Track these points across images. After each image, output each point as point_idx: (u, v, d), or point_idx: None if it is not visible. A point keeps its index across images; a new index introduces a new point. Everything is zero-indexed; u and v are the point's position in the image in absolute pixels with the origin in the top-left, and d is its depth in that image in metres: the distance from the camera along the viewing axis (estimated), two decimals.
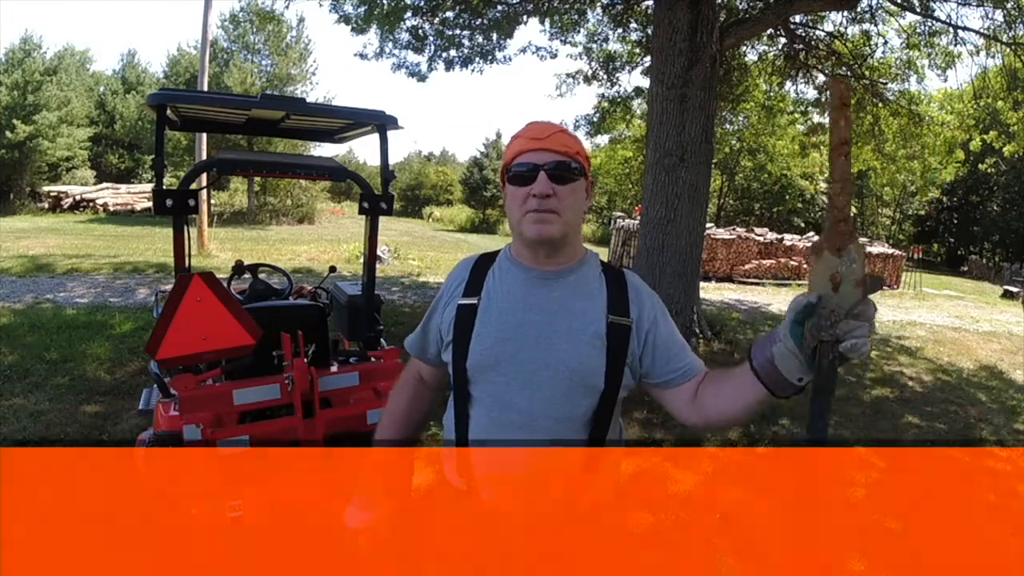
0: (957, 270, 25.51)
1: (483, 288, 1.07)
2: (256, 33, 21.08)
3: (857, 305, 0.76)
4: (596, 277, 1.08)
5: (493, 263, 1.11)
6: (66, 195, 18.87)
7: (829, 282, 0.77)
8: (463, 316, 1.06)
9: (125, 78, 26.39)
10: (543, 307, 1.03)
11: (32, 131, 19.83)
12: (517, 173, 1.00)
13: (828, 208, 0.80)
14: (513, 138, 1.05)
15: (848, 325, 0.75)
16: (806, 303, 0.79)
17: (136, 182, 24.07)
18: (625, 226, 13.05)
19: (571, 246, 1.06)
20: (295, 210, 21.15)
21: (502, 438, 1.02)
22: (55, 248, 10.26)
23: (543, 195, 0.97)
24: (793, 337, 0.81)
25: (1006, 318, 10.34)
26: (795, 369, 0.83)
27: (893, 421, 4.39)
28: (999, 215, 26.09)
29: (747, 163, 22.94)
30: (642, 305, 1.06)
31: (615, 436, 1.10)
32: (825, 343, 0.77)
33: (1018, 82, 6.45)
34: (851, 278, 0.76)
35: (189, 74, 22.42)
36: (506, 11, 6.56)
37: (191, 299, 1.76)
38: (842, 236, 0.77)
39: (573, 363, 1.00)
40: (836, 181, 0.78)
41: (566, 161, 0.99)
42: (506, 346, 1.01)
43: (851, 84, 0.95)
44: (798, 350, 0.81)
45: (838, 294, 0.77)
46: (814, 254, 0.80)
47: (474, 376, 1.04)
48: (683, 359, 1.06)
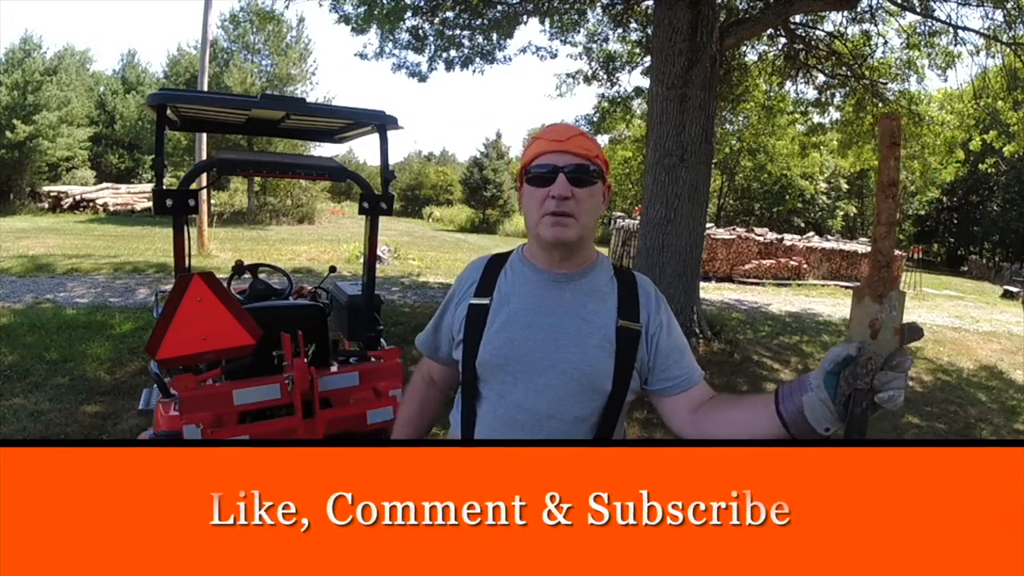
0: (957, 270, 25.51)
1: (495, 288, 1.08)
2: (256, 33, 21.07)
3: (896, 355, 0.73)
4: (608, 280, 1.08)
5: (505, 264, 1.12)
6: (66, 195, 18.87)
7: (868, 329, 0.75)
8: (474, 316, 1.07)
9: (125, 78, 26.38)
10: (554, 309, 1.04)
11: (32, 131, 19.83)
12: (536, 174, 1.01)
13: (871, 252, 0.77)
14: (533, 139, 1.06)
15: (886, 376, 0.73)
16: (846, 355, 0.76)
17: (136, 182, 24.06)
18: (625, 226, 13.06)
19: (585, 249, 1.07)
20: (295, 210, 21.15)
21: (507, 436, 1.04)
22: (55, 248, 10.26)
23: (562, 197, 0.98)
24: (828, 387, 0.78)
25: (1006, 318, 10.34)
26: (824, 419, 0.80)
27: (893, 421, 4.39)
28: (999, 215, 26.08)
29: (747, 163, 22.94)
30: (651, 310, 1.07)
31: (619, 438, 1.10)
32: (860, 391, 0.75)
33: (1018, 82, 6.45)
34: (890, 325, 0.74)
35: (189, 74, 22.42)
36: (506, 11, 6.56)
37: (191, 299, 1.76)
38: (884, 282, 0.74)
39: (582, 365, 1.01)
40: (882, 224, 0.75)
41: (585, 164, 1.00)
42: (516, 346, 1.03)
43: (902, 121, 0.86)
44: (831, 401, 0.78)
45: (876, 342, 0.74)
46: (856, 299, 0.77)
47: (483, 374, 1.05)
48: (682, 367, 1.05)
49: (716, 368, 5.13)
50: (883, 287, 0.74)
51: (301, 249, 12.36)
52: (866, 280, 0.76)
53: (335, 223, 21.67)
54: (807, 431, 0.82)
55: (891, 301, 0.74)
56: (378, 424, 2.24)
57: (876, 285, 0.74)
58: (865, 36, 7.04)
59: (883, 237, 0.75)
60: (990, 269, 23.06)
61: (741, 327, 6.81)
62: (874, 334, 0.74)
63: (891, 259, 0.74)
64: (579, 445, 1.02)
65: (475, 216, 28.55)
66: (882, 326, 0.74)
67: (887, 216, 0.74)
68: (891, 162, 0.74)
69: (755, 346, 6.18)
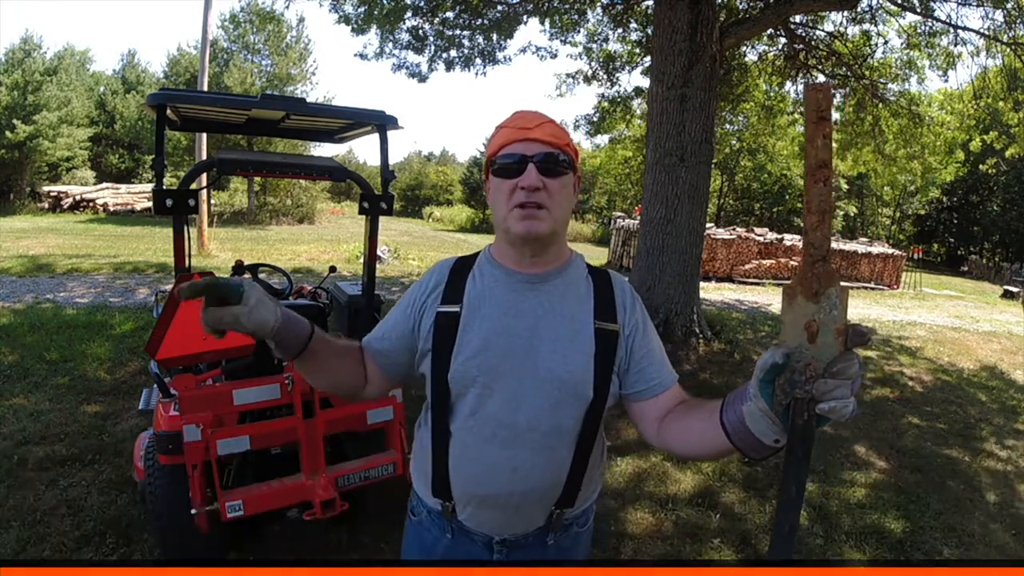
0: (957, 270, 25.50)
1: (464, 294, 0.99)
2: (256, 33, 21.06)
3: (838, 361, 0.65)
4: (583, 280, 1.02)
5: (473, 267, 1.03)
6: (66, 195, 18.86)
7: (804, 331, 0.66)
8: (443, 325, 0.97)
9: (125, 78, 26.38)
10: (528, 313, 0.97)
11: (32, 131, 19.83)
12: (504, 165, 0.94)
13: (803, 245, 0.67)
14: (499, 128, 0.98)
15: (826, 385, 0.65)
16: (773, 362, 0.68)
17: (136, 182, 24.05)
18: (625, 226, 13.07)
19: (557, 246, 1.00)
20: (295, 210, 21.14)
21: (485, 454, 0.96)
22: (55, 248, 10.26)
23: (532, 188, 0.90)
24: (764, 396, 0.70)
25: (1006, 318, 10.35)
26: (769, 430, 0.72)
27: (893, 421, 4.39)
28: (999, 215, 26.08)
29: (747, 163, 22.97)
30: (628, 309, 1.01)
31: (598, 451, 1.05)
32: (800, 400, 0.67)
33: (1018, 82, 6.45)
34: (831, 327, 0.65)
35: (189, 74, 22.41)
36: (506, 11, 6.56)
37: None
38: (820, 278, 0.65)
39: (561, 372, 0.94)
40: (812, 212, 0.64)
41: (555, 153, 0.93)
42: (489, 356, 0.94)
43: (832, 91, 0.80)
44: (770, 410, 0.71)
45: (815, 345, 0.66)
46: (787, 299, 0.68)
47: (455, 388, 0.96)
48: (656, 372, 0.99)
49: (716, 368, 5.13)
50: (818, 284, 0.65)
51: (301, 249, 12.35)
52: (797, 277, 0.67)
53: (335, 223, 21.67)
54: (753, 443, 0.75)
55: (830, 300, 0.65)
56: (378, 424, 2.24)
57: (810, 282, 0.65)
58: (865, 36, 7.04)
59: (815, 227, 0.65)
60: (990, 269, 23.07)
61: (741, 327, 6.81)
62: (811, 337, 0.66)
63: (826, 252, 0.64)
64: (562, 461, 0.97)
65: (475, 216, 28.56)
66: (820, 328, 0.65)
67: (818, 203, 0.64)
68: (819, 140, 0.63)
69: (755, 346, 6.18)
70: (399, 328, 1.03)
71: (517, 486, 0.96)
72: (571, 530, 1.07)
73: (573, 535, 1.07)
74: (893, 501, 3.14)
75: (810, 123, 0.64)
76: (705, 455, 0.90)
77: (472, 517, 1.01)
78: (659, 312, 5.41)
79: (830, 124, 0.64)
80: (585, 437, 0.98)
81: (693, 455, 0.93)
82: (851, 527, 2.84)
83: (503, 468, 0.95)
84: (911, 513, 3.03)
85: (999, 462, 3.85)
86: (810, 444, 0.68)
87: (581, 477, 1.00)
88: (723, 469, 3.25)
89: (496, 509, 0.99)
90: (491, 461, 0.96)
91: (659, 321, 5.41)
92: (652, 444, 1.00)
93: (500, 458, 0.95)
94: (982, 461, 3.82)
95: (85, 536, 2.31)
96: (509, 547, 1.02)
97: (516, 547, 1.02)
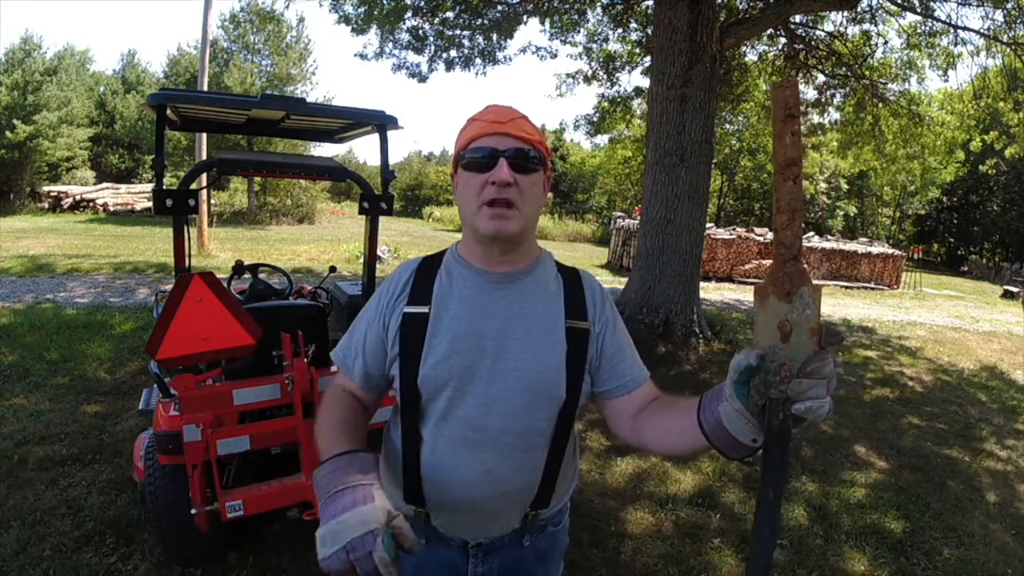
0: (957, 270, 25.50)
1: (432, 295, 0.96)
2: (256, 33, 21.04)
3: (812, 360, 0.64)
4: (553, 278, 1.01)
5: (439, 266, 1.01)
6: (66, 195, 18.85)
7: (777, 332, 0.66)
8: (411, 327, 0.95)
9: (125, 78, 26.38)
10: (498, 314, 0.94)
11: (32, 131, 19.82)
12: (473, 159, 0.91)
13: (774, 244, 0.66)
14: (469, 120, 0.95)
15: (800, 385, 0.64)
16: (747, 364, 0.68)
17: (136, 182, 24.06)
18: (625, 226, 13.07)
19: (527, 244, 0.98)
20: (295, 210, 21.13)
21: (457, 458, 0.94)
22: (55, 248, 10.26)
23: (503, 183, 0.88)
24: (739, 397, 0.70)
25: (1006, 318, 10.35)
26: (746, 430, 0.72)
27: (893, 421, 4.39)
28: (999, 215, 26.07)
29: (747, 163, 22.95)
30: (598, 306, 1.00)
31: (571, 450, 1.04)
32: (775, 401, 0.67)
33: (1018, 82, 6.45)
34: (804, 326, 0.65)
35: (189, 74, 22.42)
36: (506, 11, 6.56)
37: (191, 299, 1.76)
38: (791, 277, 0.65)
39: (532, 373, 0.93)
40: (782, 211, 0.64)
41: (527, 149, 0.91)
42: (460, 357, 0.92)
43: (799, 88, 0.79)
44: (746, 410, 0.70)
45: (789, 345, 0.66)
46: (759, 299, 0.68)
47: (425, 391, 0.94)
48: (627, 369, 0.99)
49: (716, 368, 5.13)
50: (790, 284, 0.65)
51: (301, 249, 12.35)
52: (769, 276, 0.66)
53: (335, 223, 21.66)
54: (731, 442, 0.74)
55: (802, 299, 0.65)
56: (378, 424, 2.24)
57: (782, 282, 0.65)
58: (865, 36, 7.05)
59: (785, 226, 0.64)
60: (990, 269, 23.06)
61: (741, 327, 6.80)
62: (785, 337, 0.65)
63: (798, 251, 0.64)
64: (536, 463, 0.95)
65: None
66: (794, 328, 0.65)
67: (788, 202, 0.63)
68: (787, 138, 0.62)
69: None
70: (372, 341, 1.00)
71: (491, 489, 0.95)
72: (546, 530, 1.06)
73: (549, 535, 1.07)
74: (893, 501, 3.14)
75: (778, 121, 0.63)
76: (683, 453, 0.89)
77: (447, 523, 0.99)
78: (659, 312, 5.41)
79: (799, 122, 0.64)
80: (558, 438, 0.97)
81: (671, 453, 0.93)
82: (851, 527, 2.84)
83: (476, 472, 0.94)
84: (911, 513, 3.03)
85: (999, 462, 3.85)
86: (787, 444, 0.67)
87: (555, 477, 1.00)
88: (723, 469, 3.25)
89: (471, 513, 0.98)
90: (464, 465, 0.94)
91: (659, 321, 5.41)
92: (627, 441, 0.99)
93: (473, 462, 0.94)
94: (982, 461, 3.82)
95: (85, 536, 2.31)
96: (485, 551, 1.01)
97: (492, 550, 1.01)
